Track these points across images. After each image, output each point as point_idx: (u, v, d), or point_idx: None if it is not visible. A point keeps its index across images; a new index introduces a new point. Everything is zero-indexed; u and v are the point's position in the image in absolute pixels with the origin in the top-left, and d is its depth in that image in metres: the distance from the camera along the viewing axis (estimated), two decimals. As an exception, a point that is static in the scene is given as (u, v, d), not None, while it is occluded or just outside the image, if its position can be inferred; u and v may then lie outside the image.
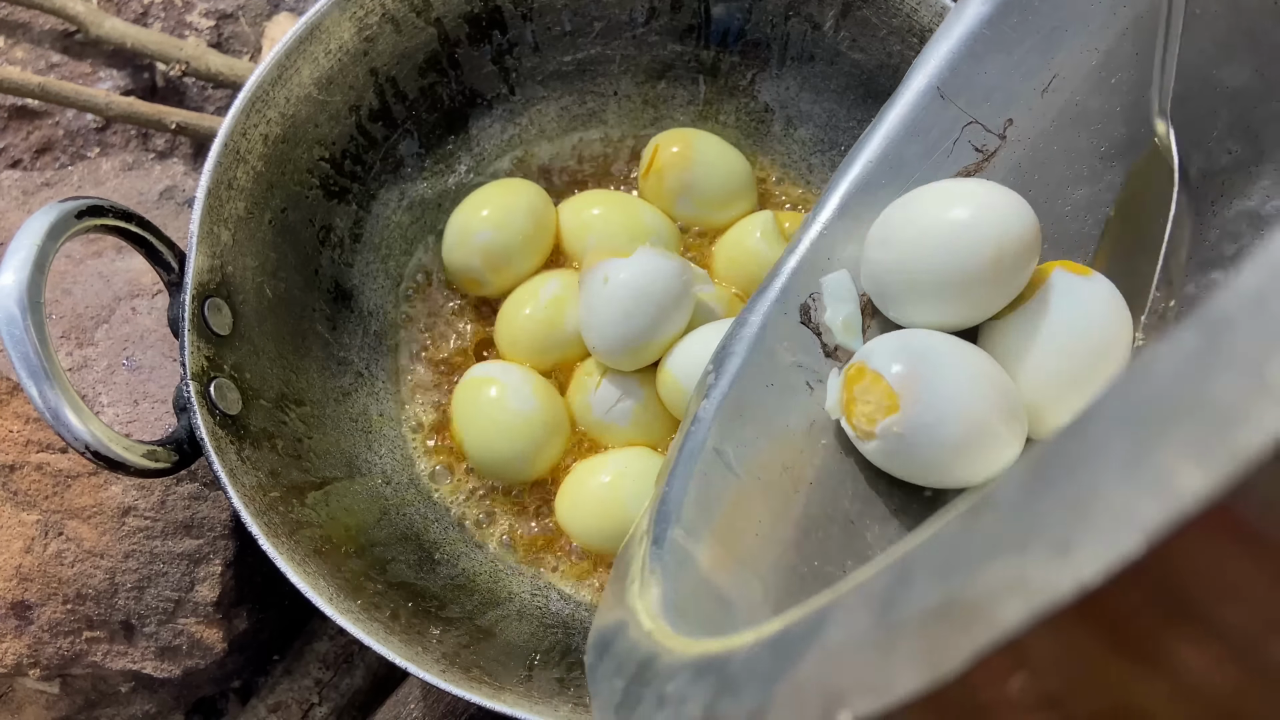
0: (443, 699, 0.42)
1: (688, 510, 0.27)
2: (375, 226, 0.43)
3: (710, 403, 0.30)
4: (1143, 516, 0.10)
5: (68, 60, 0.52)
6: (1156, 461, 0.10)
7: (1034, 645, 0.11)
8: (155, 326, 0.42)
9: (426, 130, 0.44)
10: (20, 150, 0.51)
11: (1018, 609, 0.11)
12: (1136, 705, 0.12)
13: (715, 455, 0.29)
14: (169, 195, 0.47)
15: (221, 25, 0.53)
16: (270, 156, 0.38)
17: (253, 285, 0.38)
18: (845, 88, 0.43)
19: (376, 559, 0.37)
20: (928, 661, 0.12)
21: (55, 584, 0.40)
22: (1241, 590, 0.11)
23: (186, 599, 0.41)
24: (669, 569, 0.25)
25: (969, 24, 0.33)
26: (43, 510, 0.40)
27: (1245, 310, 0.10)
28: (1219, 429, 0.09)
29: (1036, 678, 0.12)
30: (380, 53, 0.41)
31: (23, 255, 0.31)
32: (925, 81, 0.33)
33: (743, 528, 0.28)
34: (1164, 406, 0.10)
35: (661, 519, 0.27)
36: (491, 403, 0.39)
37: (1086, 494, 0.10)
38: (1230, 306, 0.10)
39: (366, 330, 0.43)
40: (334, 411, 0.40)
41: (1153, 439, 0.10)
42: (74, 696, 0.44)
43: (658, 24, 0.44)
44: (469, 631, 0.36)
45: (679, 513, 0.27)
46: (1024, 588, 0.11)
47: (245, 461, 0.34)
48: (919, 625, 0.12)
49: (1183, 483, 0.10)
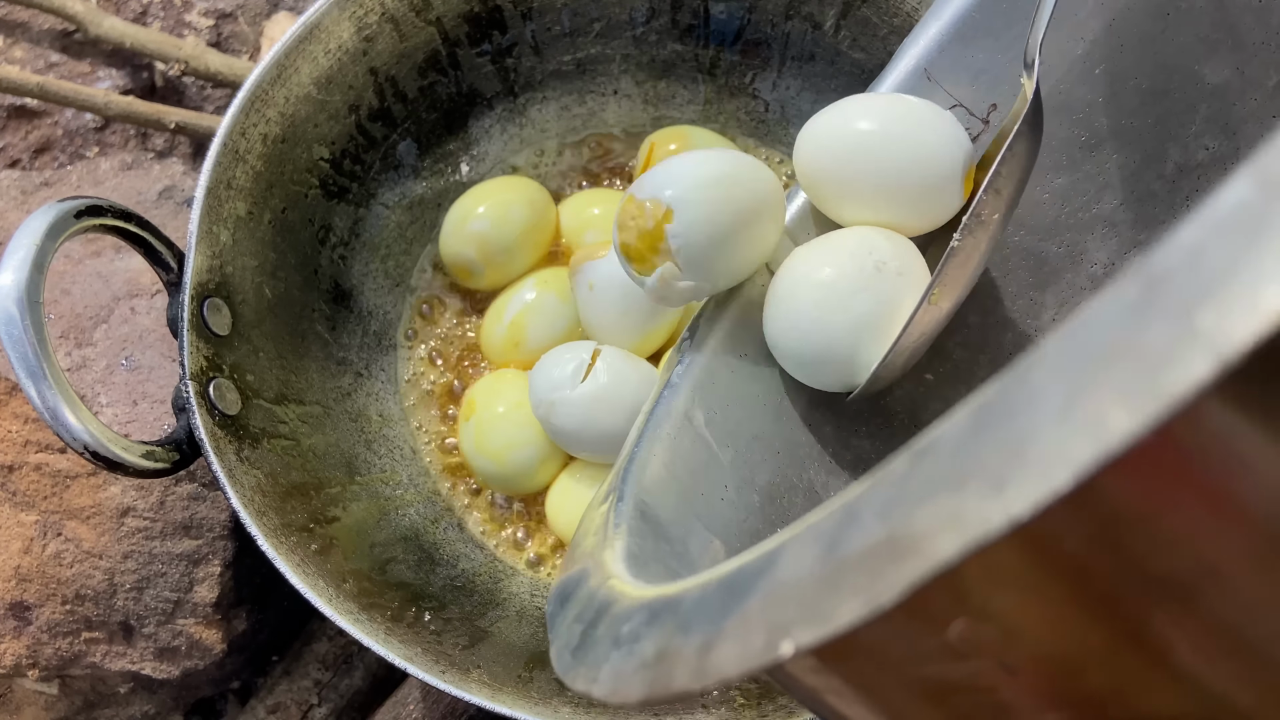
0: (442, 699, 0.42)
1: (654, 471, 0.28)
2: (375, 226, 0.43)
3: (684, 369, 0.31)
4: (1072, 455, 0.10)
5: (66, 59, 0.52)
6: (1088, 405, 0.10)
7: (967, 577, 0.12)
8: (154, 326, 0.42)
9: (426, 130, 0.43)
10: (19, 150, 0.51)
11: (952, 542, 0.11)
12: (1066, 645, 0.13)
13: (686, 421, 0.30)
14: (168, 195, 0.47)
15: (220, 25, 0.53)
16: (269, 156, 0.38)
17: (252, 285, 0.38)
18: (846, 87, 0.43)
19: (376, 559, 0.37)
20: (868, 594, 0.12)
21: (54, 584, 0.40)
22: (1166, 528, 0.11)
23: (185, 600, 0.41)
24: (632, 525, 0.25)
25: (960, 6, 0.33)
26: (41, 511, 0.40)
27: (1181, 262, 0.10)
28: (1148, 373, 0.10)
29: (972, 618, 0.13)
30: (380, 52, 0.41)
31: (21, 255, 0.31)
32: (913, 63, 0.33)
33: (709, 492, 0.29)
34: (1098, 354, 0.11)
35: (627, 477, 0.27)
36: (498, 418, 0.39)
37: (1023, 437, 0.11)
38: (1169, 260, 0.10)
39: (366, 330, 0.43)
40: (333, 412, 0.40)
41: (1086, 384, 0.11)
42: (73, 697, 0.43)
43: (658, 24, 0.44)
44: (468, 632, 0.36)
45: (645, 472, 0.28)
46: (959, 523, 0.11)
47: (244, 462, 0.34)
48: (860, 560, 0.13)
49: (1112, 424, 0.10)
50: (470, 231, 0.42)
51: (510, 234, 0.41)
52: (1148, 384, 0.10)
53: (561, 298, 0.41)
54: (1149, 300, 0.10)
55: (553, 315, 0.41)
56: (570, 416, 0.36)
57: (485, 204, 0.42)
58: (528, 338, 0.41)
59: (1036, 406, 0.11)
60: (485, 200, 0.42)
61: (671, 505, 0.27)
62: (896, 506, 0.12)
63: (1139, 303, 0.10)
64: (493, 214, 0.42)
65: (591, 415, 0.36)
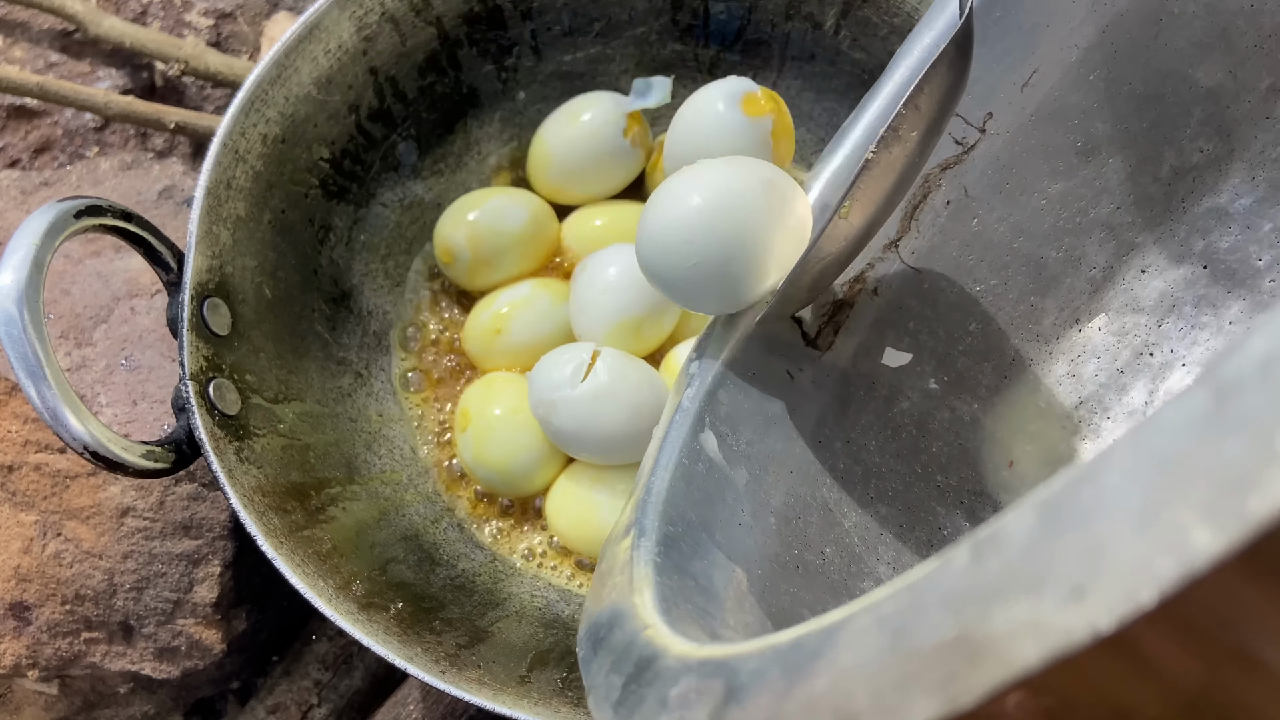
0: (442, 700, 0.42)
1: (672, 503, 0.27)
2: (375, 226, 0.43)
3: (694, 392, 0.30)
4: (1157, 571, 0.10)
5: (66, 59, 0.52)
6: (1169, 518, 0.10)
7: (1049, 684, 0.12)
8: (154, 326, 0.42)
9: (426, 130, 0.43)
10: (19, 149, 0.51)
11: (1034, 649, 0.11)
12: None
13: (699, 446, 0.29)
14: (168, 195, 0.47)
15: (220, 24, 0.53)
16: (269, 156, 0.38)
17: (252, 285, 0.38)
18: (846, 88, 0.43)
19: (376, 559, 0.37)
20: (944, 693, 0.12)
21: (54, 585, 0.40)
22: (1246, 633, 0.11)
23: (185, 600, 0.41)
24: (659, 564, 0.25)
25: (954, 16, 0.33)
26: (41, 511, 0.40)
27: (1252, 375, 0.11)
28: (1231, 493, 0.10)
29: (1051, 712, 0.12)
30: (380, 52, 0.41)
31: (21, 255, 0.31)
32: (907, 74, 0.34)
33: (727, 519, 0.28)
34: (1175, 464, 0.11)
35: (646, 509, 0.27)
36: (496, 422, 0.39)
37: (1100, 544, 0.11)
38: (1239, 369, 0.11)
39: (366, 330, 0.43)
40: (333, 412, 0.40)
41: (1165, 495, 0.11)
42: (72, 697, 0.43)
43: (658, 24, 0.44)
44: (468, 632, 0.36)
45: (662, 505, 0.27)
46: (1039, 630, 0.11)
47: (244, 462, 0.34)
48: (934, 656, 0.12)
49: (1197, 542, 0.10)
50: (466, 220, 0.42)
51: (505, 235, 0.41)
52: (1232, 505, 0.10)
53: (555, 301, 0.41)
54: (1222, 411, 0.11)
55: (542, 314, 0.41)
56: (570, 417, 0.36)
57: (489, 200, 0.42)
58: (511, 329, 0.40)
59: (1111, 512, 0.11)
60: (490, 198, 0.42)
61: (692, 537, 0.27)
62: (967, 603, 0.12)
63: (1212, 413, 0.11)
64: (493, 211, 0.42)
65: (592, 415, 0.36)
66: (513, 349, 0.41)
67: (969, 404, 0.34)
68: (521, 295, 0.41)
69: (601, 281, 0.38)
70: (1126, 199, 0.34)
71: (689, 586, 0.25)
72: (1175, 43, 0.32)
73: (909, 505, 0.33)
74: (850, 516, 0.31)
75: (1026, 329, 0.35)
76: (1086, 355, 0.35)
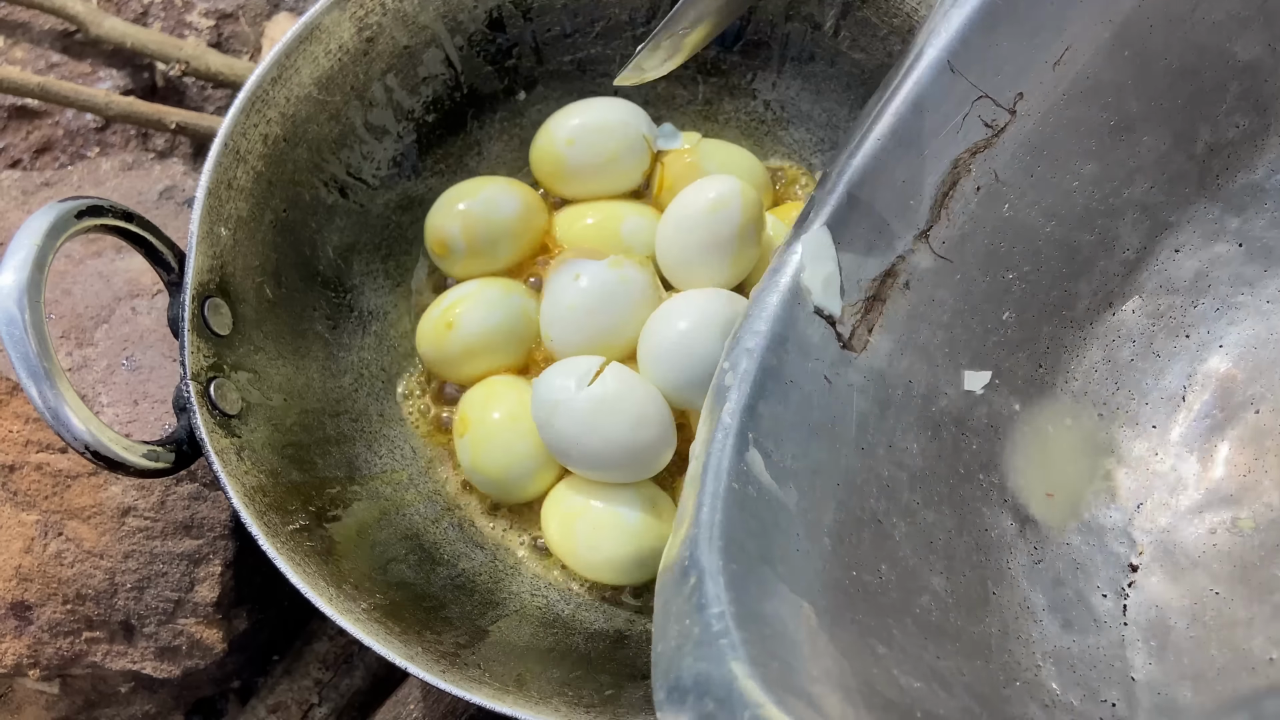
0: (443, 699, 0.42)
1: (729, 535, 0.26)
2: (375, 226, 0.43)
3: (733, 406, 0.29)
4: None
5: (67, 60, 0.52)
6: None
7: None
8: (155, 326, 0.42)
9: (426, 130, 0.44)
10: (20, 150, 0.51)
11: None
12: None
13: (746, 468, 0.27)
14: (169, 195, 0.47)
15: (221, 25, 0.53)
16: (270, 156, 0.38)
17: (253, 285, 0.38)
18: (846, 88, 0.43)
19: (376, 559, 0.37)
20: None
21: (55, 584, 0.40)
22: None
23: (186, 599, 0.41)
24: (737, 616, 0.24)
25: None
26: (42, 510, 0.40)
27: None
28: None
29: None
30: (380, 53, 0.41)
31: (22, 255, 0.31)
32: (935, 54, 0.32)
33: (784, 545, 0.27)
34: None
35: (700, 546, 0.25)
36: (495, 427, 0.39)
37: None
38: None
39: (366, 330, 0.43)
40: (334, 411, 0.40)
41: None
42: (73, 697, 0.44)
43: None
44: (469, 631, 0.36)
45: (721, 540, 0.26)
46: None
47: (245, 462, 0.34)
48: None
49: None
50: (458, 210, 0.41)
51: (498, 223, 0.41)
52: None
53: (505, 291, 0.41)
54: None
55: (492, 304, 0.40)
56: (572, 420, 0.36)
57: (479, 190, 0.42)
58: (461, 323, 0.40)
59: None
60: (481, 188, 0.42)
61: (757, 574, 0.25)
62: None
63: None
64: (485, 200, 0.41)
65: (594, 421, 0.36)
66: (465, 341, 0.40)
67: (1005, 396, 0.34)
68: (469, 290, 0.41)
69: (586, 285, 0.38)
70: (1160, 177, 0.33)
71: (768, 637, 0.24)
72: (1213, 15, 0.31)
73: (955, 508, 0.32)
74: (900, 527, 0.30)
75: (1060, 315, 0.34)
76: (1121, 339, 0.34)
